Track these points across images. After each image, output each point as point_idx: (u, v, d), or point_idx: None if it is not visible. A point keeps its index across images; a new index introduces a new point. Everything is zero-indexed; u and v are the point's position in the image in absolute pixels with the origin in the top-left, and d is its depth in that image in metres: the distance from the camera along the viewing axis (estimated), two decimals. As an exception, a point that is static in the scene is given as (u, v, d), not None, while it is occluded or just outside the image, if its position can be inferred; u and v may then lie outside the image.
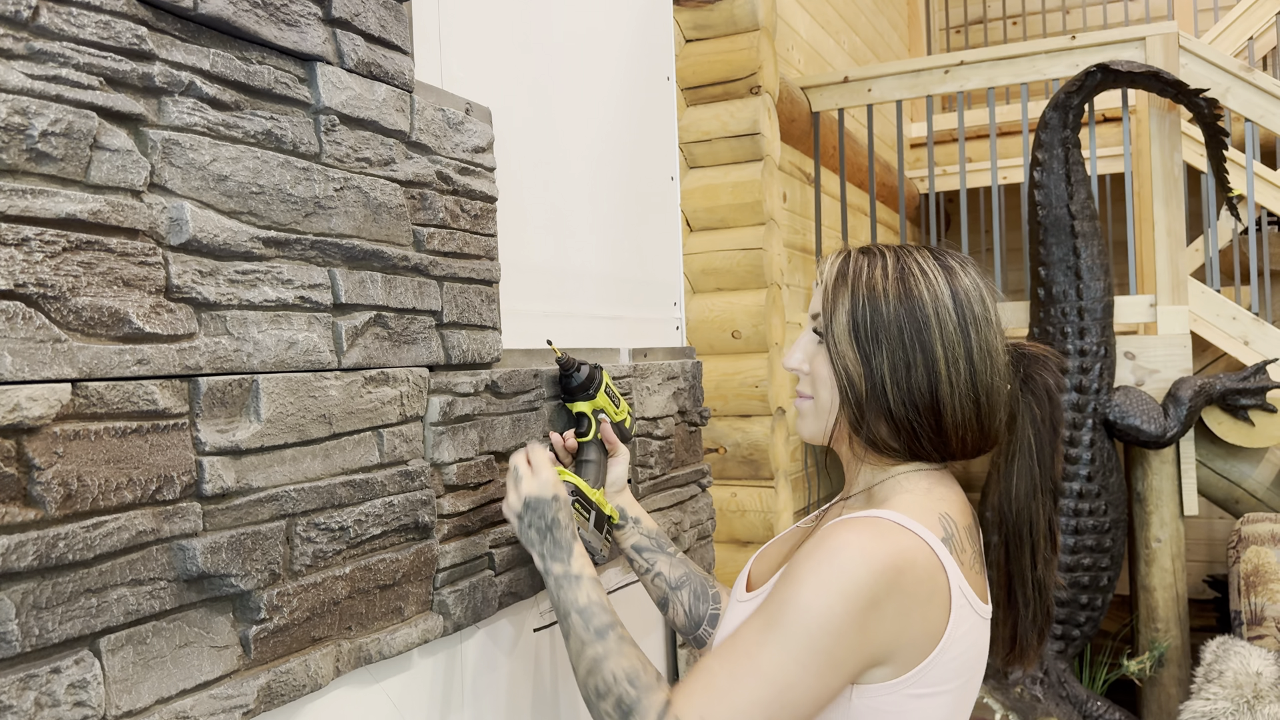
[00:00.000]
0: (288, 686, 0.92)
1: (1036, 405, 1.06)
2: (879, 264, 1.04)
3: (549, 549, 1.14)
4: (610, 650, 1.04)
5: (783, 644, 0.91)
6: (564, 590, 1.11)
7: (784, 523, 2.57)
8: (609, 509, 1.30)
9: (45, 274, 0.73)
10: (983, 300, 1.03)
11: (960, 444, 1.03)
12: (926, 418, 1.01)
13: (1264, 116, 3.23)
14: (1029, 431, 1.06)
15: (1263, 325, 3.27)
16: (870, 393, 1.02)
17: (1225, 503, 3.30)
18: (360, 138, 1.04)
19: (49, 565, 0.72)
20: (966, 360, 1.01)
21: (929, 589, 0.93)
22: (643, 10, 1.83)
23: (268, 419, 0.91)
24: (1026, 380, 1.07)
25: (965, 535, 1.01)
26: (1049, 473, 1.06)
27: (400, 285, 1.09)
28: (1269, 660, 2.64)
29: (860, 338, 1.02)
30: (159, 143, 0.83)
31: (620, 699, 1.00)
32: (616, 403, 1.37)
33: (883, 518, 0.96)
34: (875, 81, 3.41)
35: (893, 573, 0.91)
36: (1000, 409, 1.04)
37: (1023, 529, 1.05)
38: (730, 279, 2.55)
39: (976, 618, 0.99)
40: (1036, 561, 1.06)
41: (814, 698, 0.91)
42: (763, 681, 0.91)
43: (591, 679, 1.04)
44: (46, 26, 0.74)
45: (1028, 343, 1.10)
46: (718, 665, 0.94)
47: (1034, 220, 3.14)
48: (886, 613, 0.91)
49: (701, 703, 0.93)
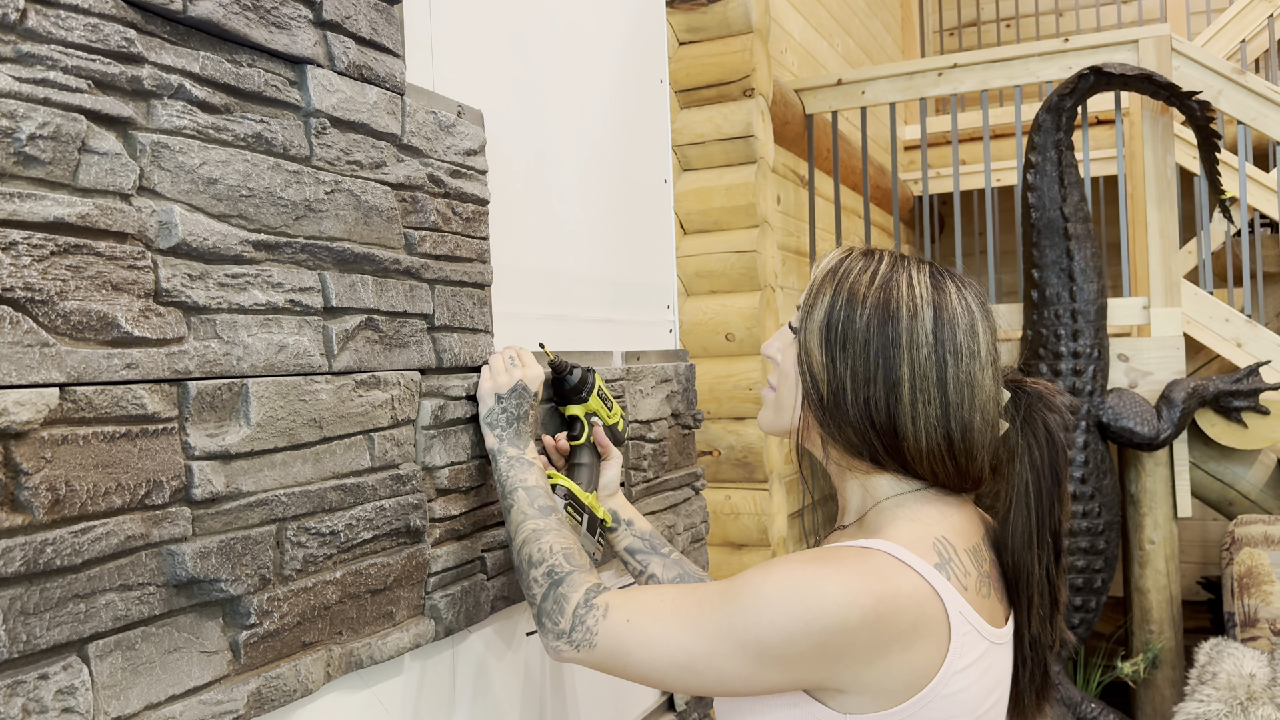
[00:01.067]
0: (278, 692, 0.92)
1: (1036, 448, 0.97)
2: (870, 268, 0.99)
3: (510, 435, 1.18)
4: (550, 527, 1.09)
5: (730, 622, 0.88)
6: (515, 470, 1.16)
7: (778, 525, 2.57)
8: (601, 512, 1.30)
9: (33, 278, 0.73)
10: (972, 329, 0.96)
11: (930, 474, 0.97)
12: (885, 438, 0.95)
13: (1256, 119, 3.24)
14: (1027, 476, 0.97)
15: (1255, 327, 3.28)
16: (831, 397, 0.97)
17: (1219, 504, 3.31)
18: (351, 140, 1.04)
19: (37, 571, 0.72)
20: (939, 389, 0.94)
21: (914, 624, 0.86)
22: (636, 12, 1.83)
23: (258, 423, 0.90)
24: (1026, 420, 0.98)
25: (968, 558, 0.94)
26: (1048, 522, 0.97)
27: (391, 288, 1.09)
28: (1262, 662, 2.64)
29: (830, 340, 0.97)
30: (148, 146, 0.82)
31: (553, 568, 1.05)
32: (609, 405, 1.37)
33: (874, 549, 0.90)
34: (869, 84, 3.41)
35: (872, 616, 0.84)
36: (981, 449, 0.96)
37: (1019, 582, 0.97)
38: (724, 281, 2.55)
39: (987, 644, 0.92)
40: (1032, 618, 0.97)
41: (744, 680, 0.88)
42: (697, 637, 0.90)
43: (526, 548, 1.08)
44: (34, 29, 0.74)
45: (1030, 379, 1.02)
46: (670, 596, 0.95)
47: (1027, 222, 3.14)
48: (857, 649, 0.85)
49: (636, 610, 0.95)
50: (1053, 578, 0.98)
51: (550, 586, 1.04)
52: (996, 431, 0.98)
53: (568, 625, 1.00)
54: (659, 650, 0.92)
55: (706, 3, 2.47)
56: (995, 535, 1.00)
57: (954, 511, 0.97)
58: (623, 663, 0.96)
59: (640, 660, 0.94)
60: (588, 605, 1.00)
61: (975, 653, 0.90)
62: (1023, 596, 0.97)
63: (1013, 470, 0.98)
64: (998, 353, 0.99)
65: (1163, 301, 3.20)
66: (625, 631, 0.95)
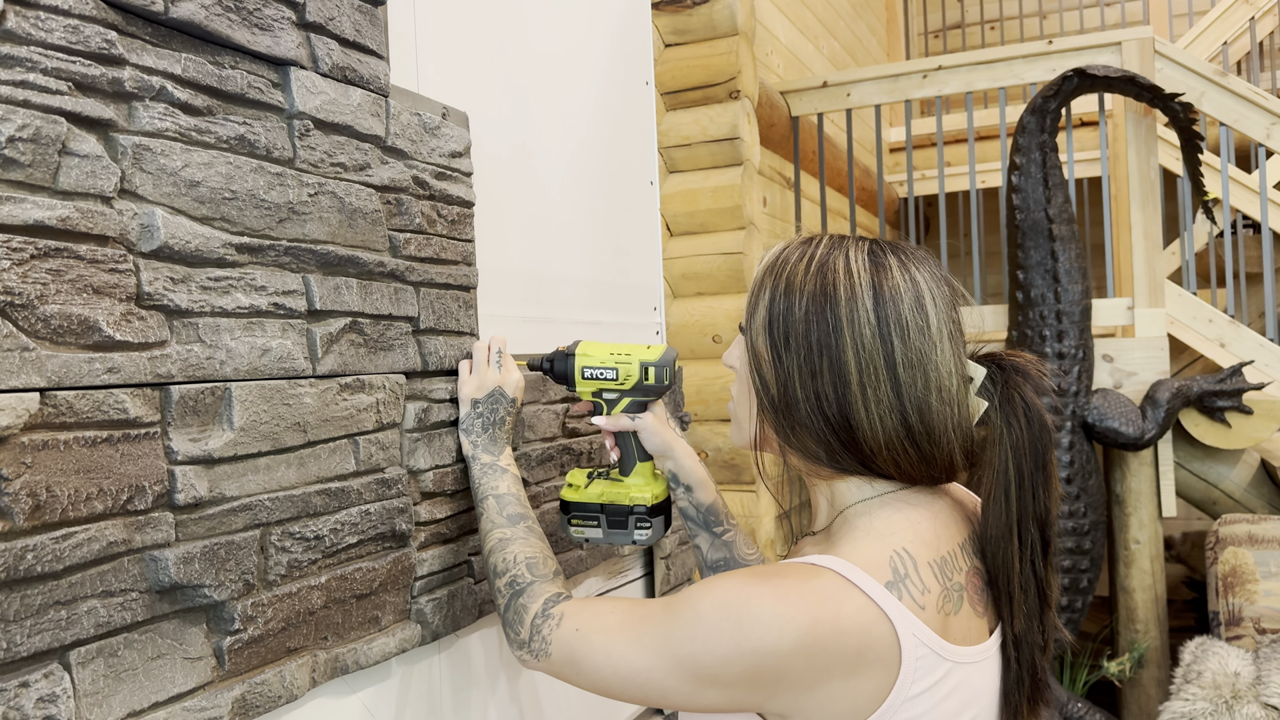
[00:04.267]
0: (263, 698, 0.91)
1: (1016, 427, 0.88)
2: (807, 254, 0.92)
3: (484, 442, 1.19)
4: (518, 535, 1.09)
5: (668, 638, 0.85)
6: (487, 477, 1.16)
7: (765, 527, 2.57)
8: (650, 493, 1.21)
9: (13, 282, 0.72)
10: (917, 303, 0.88)
11: (895, 468, 0.90)
12: (840, 433, 0.89)
13: (1238, 120, 3.26)
14: (1006, 459, 0.88)
15: (1238, 328, 3.30)
16: (781, 397, 0.91)
17: (1203, 504, 3.33)
18: (335, 143, 1.03)
19: (17, 577, 0.71)
20: (888, 370, 0.87)
21: (858, 650, 0.80)
22: (621, 14, 1.82)
23: (241, 427, 0.90)
24: (1004, 398, 0.90)
25: (931, 571, 0.86)
26: (1031, 509, 0.88)
27: (376, 291, 1.08)
28: (1247, 660, 2.66)
29: (774, 336, 0.91)
30: (129, 148, 0.82)
31: (515, 578, 1.05)
32: (613, 373, 1.22)
33: (821, 568, 0.84)
34: (854, 86, 3.42)
35: (808, 639, 0.79)
36: (944, 431, 0.88)
37: (997, 577, 0.90)
38: (711, 283, 2.55)
39: (950, 665, 0.84)
40: (1015, 616, 0.89)
41: (685, 697, 0.85)
42: (637, 651, 0.88)
43: (493, 557, 1.09)
44: (13, 31, 0.73)
45: (1007, 352, 0.93)
46: (622, 607, 0.93)
47: (1012, 224, 3.15)
48: (793, 675, 0.80)
49: (585, 620, 0.95)
50: (1040, 571, 0.89)
51: (512, 597, 1.04)
52: (964, 411, 0.90)
53: (527, 635, 1.00)
54: (602, 660, 0.91)
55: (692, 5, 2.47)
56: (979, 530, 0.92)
57: (924, 516, 0.90)
58: (575, 671, 0.94)
59: (588, 669, 0.93)
60: (545, 615, 0.99)
61: (933, 677, 0.83)
62: (1002, 592, 0.89)
63: (993, 453, 0.89)
64: (958, 325, 0.91)
65: (1147, 302, 3.22)
66: (575, 640, 0.94)
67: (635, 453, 1.23)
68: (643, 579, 1.72)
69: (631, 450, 1.23)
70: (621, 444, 1.23)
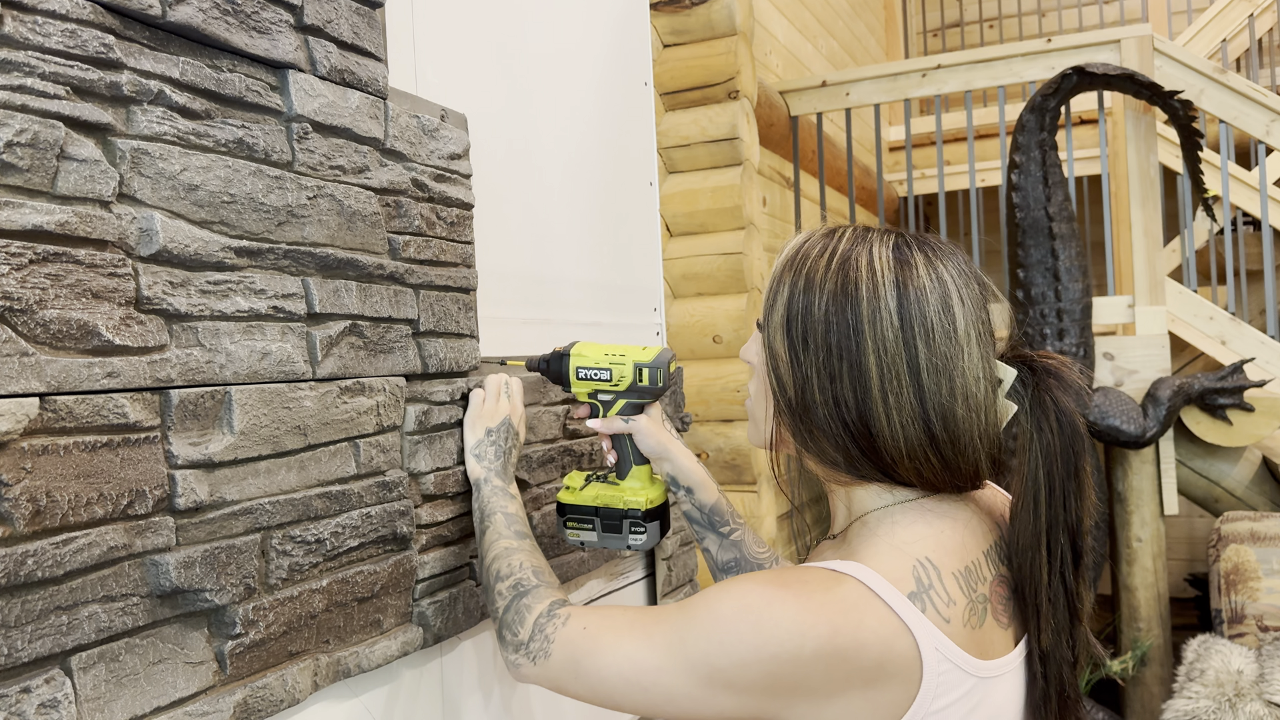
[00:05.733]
0: (265, 702, 0.91)
1: (1047, 432, 0.85)
2: (829, 248, 0.88)
3: (497, 467, 1.19)
4: (524, 548, 1.08)
5: (681, 638, 0.83)
6: (496, 497, 1.15)
7: (767, 527, 2.57)
8: (644, 497, 1.20)
9: (11, 286, 0.72)
10: (943, 304, 0.84)
11: (917, 477, 0.86)
12: (860, 440, 0.85)
13: (1238, 118, 3.26)
14: (1036, 466, 0.84)
15: (1239, 325, 3.30)
16: (799, 399, 0.87)
17: (1205, 501, 3.33)
18: (333, 145, 1.03)
19: (18, 583, 0.71)
20: (911, 375, 0.83)
21: (878, 663, 0.78)
22: (620, 15, 1.82)
23: (241, 431, 0.90)
24: (1036, 401, 0.86)
25: (956, 582, 0.83)
26: (1062, 518, 0.84)
27: (375, 294, 1.08)
28: (1250, 658, 2.65)
29: (792, 336, 0.87)
30: (128, 152, 0.82)
31: (520, 581, 1.03)
32: (607, 374, 1.21)
33: (845, 575, 0.81)
34: (853, 85, 3.42)
35: (828, 649, 0.77)
36: (969, 439, 0.85)
37: (1023, 588, 0.86)
38: (711, 284, 2.55)
39: (975, 680, 0.81)
40: (1042, 630, 0.85)
41: (693, 701, 0.83)
42: (647, 650, 0.85)
43: (497, 564, 1.07)
44: (11, 35, 0.73)
45: (1042, 354, 0.89)
46: (634, 609, 0.92)
47: (1012, 222, 3.15)
48: (812, 683, 0.78)
49: (595, 619, 0.92)
50: (1070, 584, 0.85)
51: (515, 598, 1.01)
52: (991, 417, 0.86)
53: (527, 635, 0.97)
54: (607, 659, 0.88)
55: (690, 5, 2.47)
56: (1007, 537, 0.89)
57: (948, 525, 0.87)
58: (574, 674, 0.91)
59: (589, 670, 0.89)
60: (550, 614, 0.97)
61: (957, 691, 0.80)
62: (1029, 605, 0.85)
63: (1023, 459, 0.85)
64: (987, 325, 0.87)
65: (1147, 300, 3.22)
66: (579, 639, 0.91)
67: (631, 455, 1.22)
68: (644, 580, 1.72)
69: (628, 453, 1.22)
70: (618, 446, 1.22)
